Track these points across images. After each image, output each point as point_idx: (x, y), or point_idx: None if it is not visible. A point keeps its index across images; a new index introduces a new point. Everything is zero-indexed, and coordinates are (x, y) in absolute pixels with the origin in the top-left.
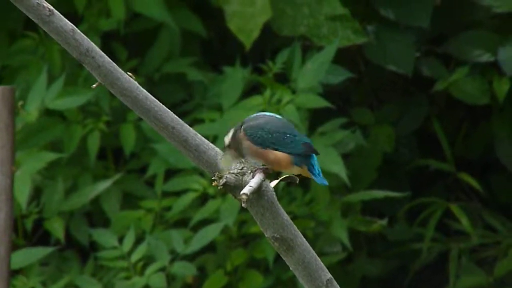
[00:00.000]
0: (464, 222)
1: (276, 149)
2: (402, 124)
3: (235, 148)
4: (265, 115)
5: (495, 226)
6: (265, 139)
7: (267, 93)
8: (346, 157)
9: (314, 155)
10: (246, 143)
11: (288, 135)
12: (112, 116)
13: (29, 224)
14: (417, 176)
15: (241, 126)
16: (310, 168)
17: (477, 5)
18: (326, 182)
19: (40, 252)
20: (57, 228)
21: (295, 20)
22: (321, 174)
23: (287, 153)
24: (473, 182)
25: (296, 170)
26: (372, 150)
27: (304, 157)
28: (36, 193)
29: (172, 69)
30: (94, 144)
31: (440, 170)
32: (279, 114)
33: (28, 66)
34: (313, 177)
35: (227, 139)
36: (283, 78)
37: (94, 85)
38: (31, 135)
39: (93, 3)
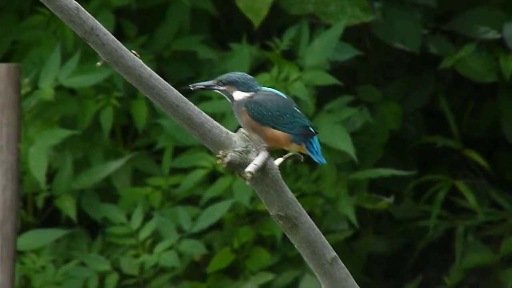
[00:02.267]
0: (471, 199)
1: (274, 128)
2: (408, 102)
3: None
4: (271, 91)
5: (501, 204)
6: (264, 116)
7: (275, 70)
8: (352, 134)
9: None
10: (246, 117)
11: (288, 115)
12: (122, 93)
13: (40, 201)
14: (424, 154)
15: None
16: (309, 146)
17: None
18: (324, 161)
19: (52, 234)
20: (68, 207)
21: None
22: (319, 152)
23: (285, 132)
24: (480, 160)
25: (294, 148)
26: (379, 127)
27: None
28: (47, 171)
29: (182, 46)
30: (107, 120)
31: (446, 147)
32: (287, 92)
33: (40, 41)
34: (311, 155)
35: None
36: (289, 56)
37: (99, 63)
38: (43, 110)
39: None
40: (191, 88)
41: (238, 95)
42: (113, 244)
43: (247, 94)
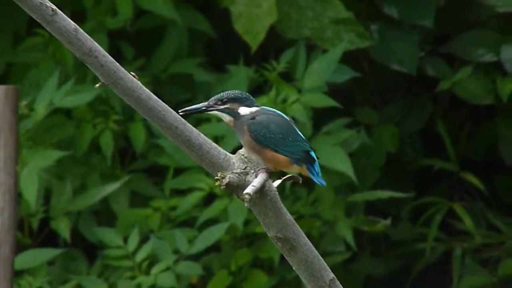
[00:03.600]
0: (467, 222)
1: (276, 151)
2: (406, 124)
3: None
4: (274, 112)
5: (498, 226)
6: (267, 138)
7: (273, 92)
8: (350, 156)
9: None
10: (247, 138)
11: (290, 139)
12: (121, 115)
13: (35, 223)
14: (421, 176)
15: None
16: (309, 167)
17: (480, 4)
18: (324, 183)
19: (48, 253)
20: (63, 228)
21: (300, 23)
22: (320, 174)
23: (285, 155)
24: (477, 182)
25: (295, 169)
26: (376, 149)
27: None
28: (45, 193)
29: (179, 69)
30: (107, 144)
31: (443, 169)
32: (285, 114)
33: (39, 63)
34: (311, 176)
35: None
36: (287, 78)
37: (97, 85)
38: (40, 133)
39: (101, 1)
40: (180, 113)
41: (244, 110)
42: (110, 266)
43: (253, 109)
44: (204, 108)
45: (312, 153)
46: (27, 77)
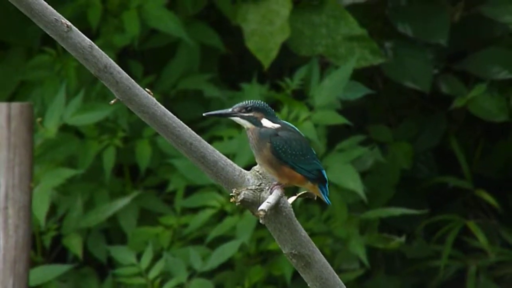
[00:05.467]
0: (482, 239)
1: (294, 168)
2: (420, 141)
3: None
4: (294, 128)
5: None
6: (288, 155)
7: (285, 110)
8: (364, 174)
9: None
10: (267, 153)
11: (308, 157)
12: (130, 132)
13: (47, 241)
14: (435, 193)
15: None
16: (321, 186)
17: (495, 22)
18: (329, 201)
19: (58, 269)
20: (75, 245)
21: (313, 40)
22: (328, 193)
23: (302, 174)
24: (491, 200)
25: (308, 186)
26: (390, 167)
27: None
28: (54, 210)
29: (189, 85)
30: (109, 160)
31: (458, 187)
32: None
33: (44, 82)
34: (322, 195)
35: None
36: (301, 95)
37: (112, 101)
38: (48, 150)
39: (108, 20)
40: (204, 115)
41: (267, 122)
42: (122, 284)
43: (275, 125)
44: (226, 113)
45: (324, 172)
46: (32, 95)
